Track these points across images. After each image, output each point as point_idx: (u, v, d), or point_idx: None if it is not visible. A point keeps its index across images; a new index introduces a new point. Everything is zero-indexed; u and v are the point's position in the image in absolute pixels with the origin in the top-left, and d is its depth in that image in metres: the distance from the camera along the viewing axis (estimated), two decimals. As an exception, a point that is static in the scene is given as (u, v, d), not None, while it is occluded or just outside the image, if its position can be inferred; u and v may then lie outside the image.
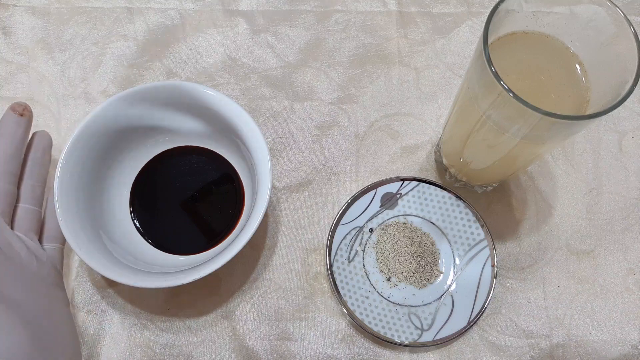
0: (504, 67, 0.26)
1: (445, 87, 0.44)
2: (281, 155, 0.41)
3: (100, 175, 0.36)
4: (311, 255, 0.38)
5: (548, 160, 0.41)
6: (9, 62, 0.43)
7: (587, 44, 0.29)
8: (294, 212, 0.40)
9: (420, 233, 0.38)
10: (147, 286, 0.31)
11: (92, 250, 0.32)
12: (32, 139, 0.36)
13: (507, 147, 0.31)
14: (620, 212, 0.40)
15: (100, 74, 0.43)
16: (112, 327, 0.36)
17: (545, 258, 0.39)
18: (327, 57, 0.44)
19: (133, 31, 0.45)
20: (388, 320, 0.36)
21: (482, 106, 0.29)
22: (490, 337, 0.37)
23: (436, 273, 0.37)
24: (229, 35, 0.45)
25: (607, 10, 0.27)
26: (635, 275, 0.39)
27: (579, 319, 0.37)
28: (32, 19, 0.45)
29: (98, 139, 0.35)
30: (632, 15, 0.45)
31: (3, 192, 0.32)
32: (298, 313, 0.37)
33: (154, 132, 0.38)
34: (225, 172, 0.39)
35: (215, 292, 0.37)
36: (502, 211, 0.40)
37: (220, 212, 0.38)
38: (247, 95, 0.43)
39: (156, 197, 0.39)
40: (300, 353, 0.36)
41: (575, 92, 0.29)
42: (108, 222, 0.36)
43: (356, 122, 0.42)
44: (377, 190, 0.39)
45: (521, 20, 0.29)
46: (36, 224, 0.34)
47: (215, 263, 0.31)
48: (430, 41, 0.45)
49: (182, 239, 0.37)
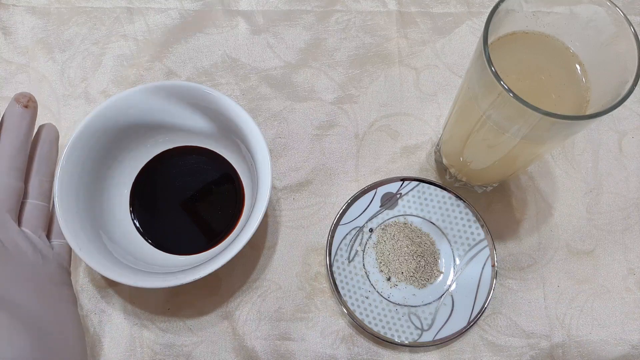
0: (504, 67, 0.26)
1: (445, 87, 0.44)
2: (281, 155, 0.41)
3: (100, 175, 0.36)
4: (311, 255, 0.38)
5: (548, 160, 0.41)
6: (9, 62, 0.43)
7: (587, 44, 0.29)
8: (294, 212, 0.40)
9: (420, 233, 0.38)
10: (147, 286, 0.31)
11: (92, 250, 0.32)
12: (39, 132, 0.35)
13: (507, 147, 0.31)
14: (620, 212, 0.40)
15: (100, 74, 0.43)
16: (112, 327, 0.36)
17: (545, 258, 0.39)
18: (327, 57, 0.44)
19: (133, 31, 0.45)
20: (388, 320, 0.36)
21: (482, 106, 0.29)
22: (490, 337, 0.37)
23: (436, 273, 0.37)
24: (229, 35, 0.45)
25: (607, 10, 0.27)
26: (635, 275, 0.39)
27: (579, 319, 0.37)
28: (32, 19, 0.45)
29: (98, 139, 0.35)
30: (632, 15, 0.45)
31: (10, 189, 0.32)
32: (298, 313, 0.37)
33: (154, 132, 0.38)
34: (225, 172, 0.39)
35: (215, 292, 0.37)
36: (502, 211, 0.40)
37: (220, 212, 0.38)
38: (247, 95, 0.43)
39: (156, 197, 0.39)
40: (300, 353, 0.36)
41: (575, 92, 0.29)
42: (108, 222, 0.36)
43: (356, 122, 0.42)
44: (377, 190, 0.39)
45: (521, 20, 0.29)
46: (44, 220, 0.33)
47: (215, 263, 0.31)
48: (430, 41, 0.45)
49: (182, 239, 0.37)
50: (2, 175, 0.32)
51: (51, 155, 0.35)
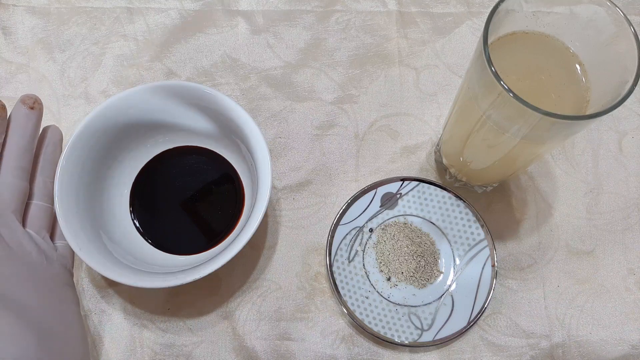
0: (504, 67, 0.26)
1: (445, 87, 0.44)
2: (281, 155, 0.41)
3: (100, 175, 0.36)
4: (311, 255, 0.38)
5: (548, 160, 0.41)
6: (9, 62, 0.43)
7: (587, 44, 0.29)
8: (294, 212, 0.40)
9: (420, 233, 0.38)
10: (147, 286, 0.31)
11: (92, 250, 0.32)
12: (43, 133, 0.35)
13: (507, 147, 0.31)
14: (620, 212, 0.40)
15: (100, 74, 0.43)
16: (112, 327, 0.36)
17: (545, 258, 0.39)
18: (327, 57, 0.44)
19: (133, 31, 0.45)
20: (388, 320, 0.36)
21: (482, 106, 0.29)
22: (490, 337, 0.37)
23: (436, 273, 0.37)
24: (229, 35, 0.45)
25: (607, 10, 0.27)
26: (635, 275, 0.39)
27: (579, 319, 0.37)
28: (32, 19, 0.45)
29: (98, 139, 0.35)
30: (632, 15, 0.45)
31: (15, 189, 0.32)
32: (298, 313, 0.37)
33: (154, 132, 0.38)
34: (225, 172, 0.39)
35: (215, 292, 0.37)
36: (502, 211, 0.40)
37: (220, 212, 0.38)
38: (247, 95, 0.43)
39: (156, 197, 0.39)
40: (300, 353, 0.36)
41: (575, 92, 0.29)
42: (108, 222, 0.36)
43: (356, 122, 0.42)
44: (377, 190, 0.39)
45: (521, 20, 0.29)
46: (48, 221, 0.34)
47: (215, 263, 0.31)
48: (430, 41, 0.45)
49: (182, 239, 0.37)
50: (8, 175, 0.32)
51: (55, 156, 0.35)
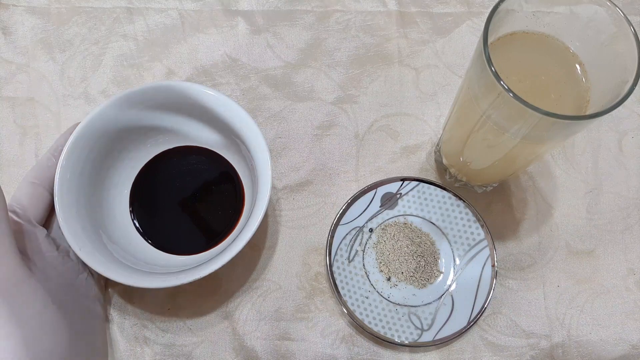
0: (504, 67, 0.26)
1: (445, 87, 0.44)
2: (281, 155, 0.41)
3: (100, 175, 0.36)
4: (311, 255, 0.38)
5: (548, 160, 0.41)
6: (9, 62, 0.43)
7: (587, 44, 0.29)
8: (294, 212, 0.40)
9: (420, 233, 0.38)
10: (147, 286, 0.31)
11: (92, 250, 0.32)
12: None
13: (507, 147, 0.31)
14: (620, 212, 0.40)
15: (100, 74, 0.43)
16: (112, 327, 0.36)
17: (545, 258, 0.39)
18: (327, 57, 0.44)
19: (133, 31, 0.45)
20: (388, 320, 0.36)
21: (482, 106, 0.29)
22: (490, 337, 0.37)
23: (436, 273, 0.37)
24: (229, 35, 0.45)
25: (607, 10, 0.27)
26: (635, 275, 0.39)
27: (579, 319, 0.37)
28: (32, 19, 0.45)
29: (98, 139, 0.35)
30: (632, 15, 0.45)
31: (44, 201, 0.33)
32: (298, 313, 0.37)
33: (154, 132, 0.38)
34: (225, 172, 0.39)
35: (215, 292, 0.37)
36: (502, 211, 0.40)
37: (220, 212, 0.38)
38: (247, 95, 0.43)
39: (156, 197, 0.39)
40: (300, 353, 0.36)
41: (575, 92, 0.29)
42: (108, 222, 0.36)
43: (356, 122, 0.42)
44: (377, 190, 0.39)
45: (521, 20, 0.29)
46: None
47: (215, 263, 0.31)
48: (430, 41, 0.45)
49: (182, 239, 0.37)
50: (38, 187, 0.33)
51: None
